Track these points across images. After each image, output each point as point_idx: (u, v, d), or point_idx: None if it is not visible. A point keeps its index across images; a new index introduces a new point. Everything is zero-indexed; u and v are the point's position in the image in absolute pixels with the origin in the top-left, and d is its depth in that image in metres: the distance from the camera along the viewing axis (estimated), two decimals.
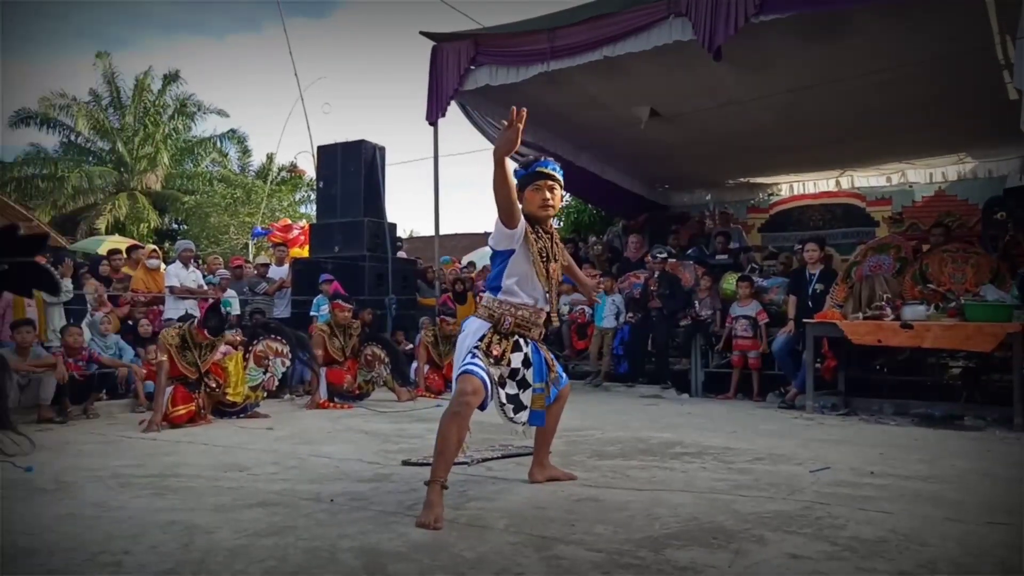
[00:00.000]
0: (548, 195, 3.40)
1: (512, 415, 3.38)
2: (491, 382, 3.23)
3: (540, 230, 3.41)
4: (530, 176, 3.42)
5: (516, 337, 3.39)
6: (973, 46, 6.70)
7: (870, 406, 6.53)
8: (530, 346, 3.46)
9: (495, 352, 3.30)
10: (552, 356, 3.63)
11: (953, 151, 10.70)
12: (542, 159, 3.49)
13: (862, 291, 6.74)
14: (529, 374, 3.44)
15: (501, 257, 3.37)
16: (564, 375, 3.71)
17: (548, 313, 3.50)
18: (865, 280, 6.84)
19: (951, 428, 5.72)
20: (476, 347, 3.29)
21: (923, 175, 11.29)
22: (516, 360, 3.37)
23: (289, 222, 15.84)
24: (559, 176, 3.45)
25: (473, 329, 3.38)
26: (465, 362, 3.26)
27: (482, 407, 3.25)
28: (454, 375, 3.38)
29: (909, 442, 5.03)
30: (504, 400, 3.34)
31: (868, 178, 11.75)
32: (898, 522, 2.99)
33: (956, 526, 2.96)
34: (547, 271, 3.38)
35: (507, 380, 3.35)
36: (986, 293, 6.14)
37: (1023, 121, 5.81)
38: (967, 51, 6.92)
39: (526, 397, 3.42)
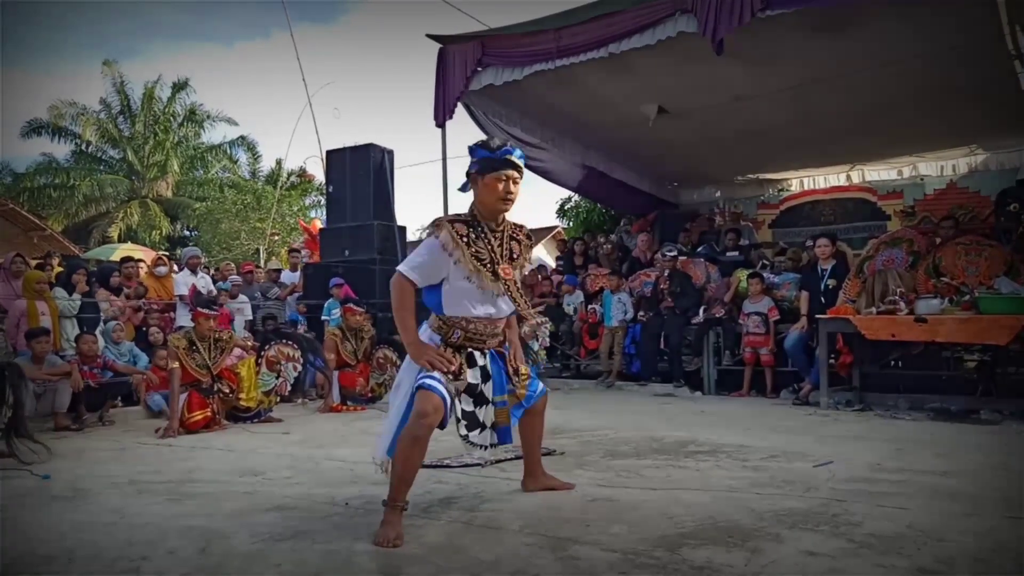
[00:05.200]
0: (512, 187, 3.04)
1: (466, 432, 3.08)
2: (450, 396, 2.96)
3: (484, 227, 3.05)
4: (497, 162, 3.01)
5: (469, 350, 3.07)
6: (983, 37, 6.64)
7: (885, 401, 6.49)
8: (487, 356, 3.13)
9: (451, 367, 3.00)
10: (521, 362, 3.26)
11: (964, 143, 10.59)
12: (510, 145, 3.09)
13: (875, 286, 6.70)
14: (488, 388, 3.12)
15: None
16: (540, 383, 3.38)
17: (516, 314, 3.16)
18: (878, 275, 6.80)
19: (967, 422, 5.67)
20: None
21: (934, 168, 11.19)
22: (472, 376, 3.05)
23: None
24: (523, 168, 3.12)
25: (424, 341, 3.06)
26: (421, 376, 2.94)
27: (442, 425, 2.98)
28: (395, 387, 3.11)
29: (925, 437, 4.99)
30: (459, 416, 3.04)
31: (879, 172, 11.65)
32: (915, 518, 2.97)
33: (974, 521, 2.94)
34: (494, 273, 3.00)
35: (462, 395, 3.04)
36: (1000, 285, 6.09)
37: None
38: (977, 42, 6.86)
39: (484, 414, 3.11)
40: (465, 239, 2.98)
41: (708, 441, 4.91)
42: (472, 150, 3.11)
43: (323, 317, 9.05)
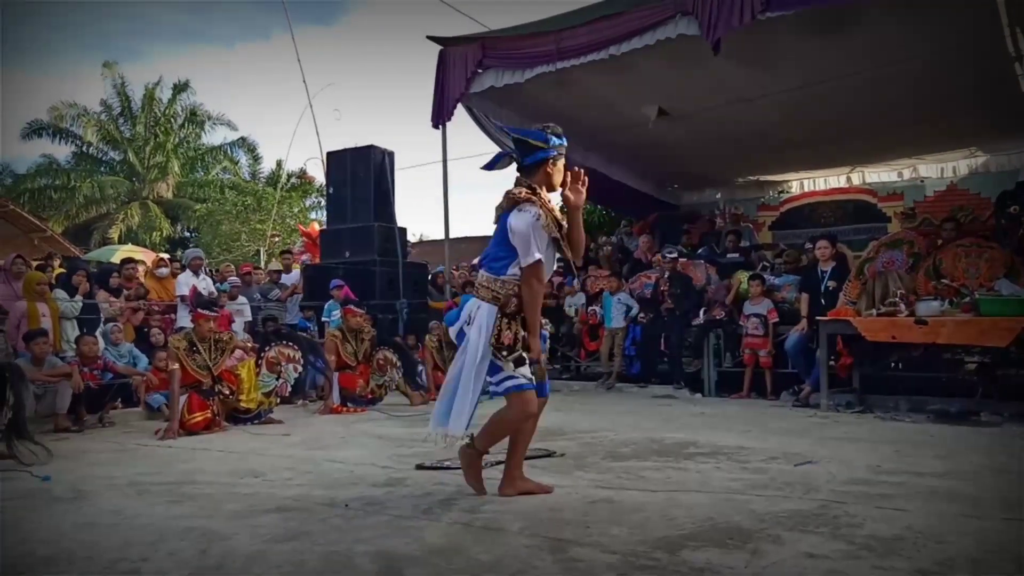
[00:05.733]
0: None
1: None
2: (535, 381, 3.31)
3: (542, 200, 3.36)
4: (565, 149, 3.42)
5: (522, 315, 3.33)
6: (983, 39, 6.65)
7: (885, 403, 6.48)
8: None
9: (506, 341, 3.25)
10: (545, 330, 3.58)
11: (964, 145, 10.61)
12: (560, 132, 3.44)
13: (875, 287, 6.69)
14: None
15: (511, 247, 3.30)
16: (547, 387, 3.57)
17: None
18: (878, 276, 6.79)
19: (967, 424, 5.67)
20: (490, 348, 3.24)
21: (934, 170, 11.21)
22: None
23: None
24: None
25: (484, 319, 3.29)
26: (513, 379, 3.25)
27: None
28: (471, 372, 3.30)
29: (925, 439, 4.99)
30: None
31: (879, 174, 11.67)
32: (915, 519, 2.97)
33: (973, 522, 2.94)
34: (561, 237, 3.34)
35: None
36: (1000, 287, 6.09)
37: None
38: (977, 44, 6.88)
39: (526, 371, 3.35)
40: (544, 210, 3.28)
41: (708, 443, 4.91)
42: (544, 137, 3.39)
43: (323, 318, 9.06)
